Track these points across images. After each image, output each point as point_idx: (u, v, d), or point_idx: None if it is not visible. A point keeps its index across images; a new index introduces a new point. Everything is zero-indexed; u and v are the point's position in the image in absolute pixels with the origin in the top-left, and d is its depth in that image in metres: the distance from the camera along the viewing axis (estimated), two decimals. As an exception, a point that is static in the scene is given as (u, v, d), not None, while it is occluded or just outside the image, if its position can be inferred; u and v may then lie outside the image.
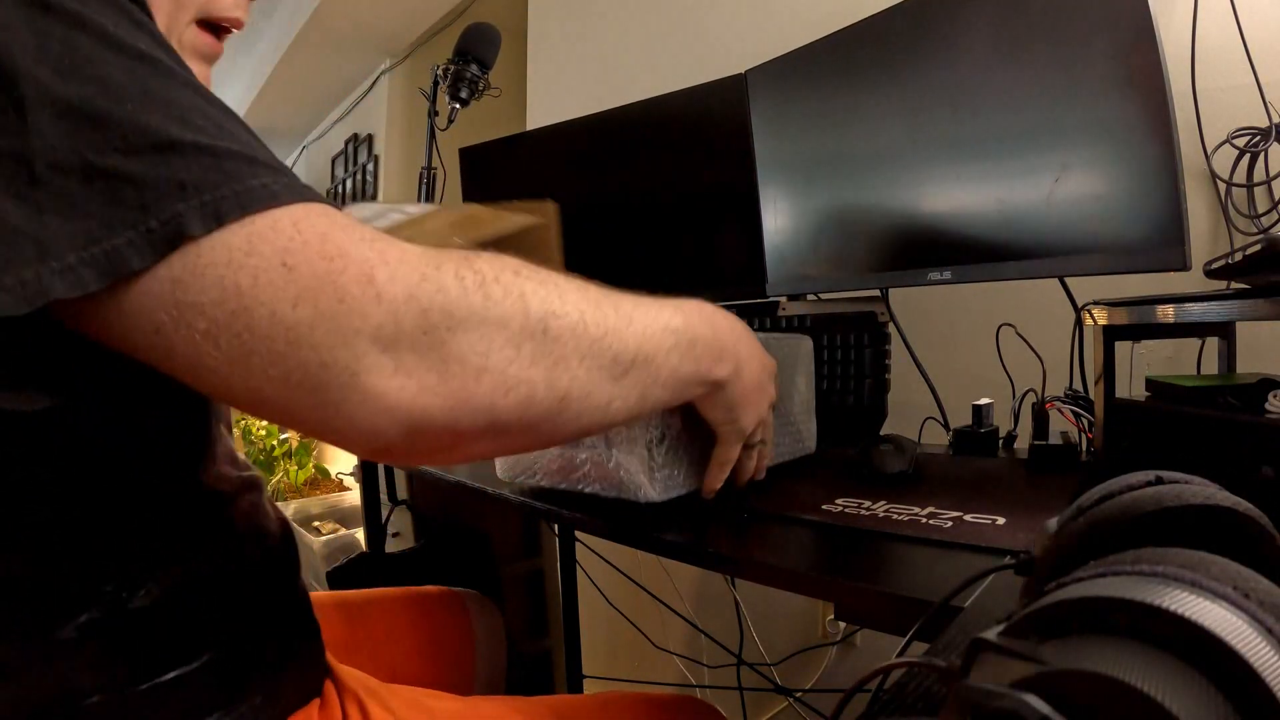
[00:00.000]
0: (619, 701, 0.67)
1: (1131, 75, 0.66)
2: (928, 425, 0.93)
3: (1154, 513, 0.24)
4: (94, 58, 0.32)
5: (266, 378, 0.32)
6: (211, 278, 0.31)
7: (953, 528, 0.52)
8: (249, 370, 0.32)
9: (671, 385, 0.46)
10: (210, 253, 0.31)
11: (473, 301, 0.35)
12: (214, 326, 0.32)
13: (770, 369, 0.59)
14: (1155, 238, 0.65)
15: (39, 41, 0.31)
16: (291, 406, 0.33)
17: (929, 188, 0.82)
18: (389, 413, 0.33)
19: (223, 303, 0.31)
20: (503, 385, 0.35)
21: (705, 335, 0.49)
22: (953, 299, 1.07)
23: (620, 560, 1.44)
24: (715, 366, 0.49)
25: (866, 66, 0.87)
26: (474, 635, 0.85)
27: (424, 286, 0.34)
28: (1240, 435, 0.49)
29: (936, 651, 0.28)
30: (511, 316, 0.36)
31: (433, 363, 0.34)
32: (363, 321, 0.32)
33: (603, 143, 1.16)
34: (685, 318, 0.47)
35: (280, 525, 0.53)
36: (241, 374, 0.33)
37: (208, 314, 0.32)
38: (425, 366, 0.33)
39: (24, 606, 0.37)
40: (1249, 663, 0.15)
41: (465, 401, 0.35)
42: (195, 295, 0.31)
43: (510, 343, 0.35)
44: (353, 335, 0.32)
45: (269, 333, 0.32)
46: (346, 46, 2.95)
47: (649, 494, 0.59)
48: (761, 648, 1.34)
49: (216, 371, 0.33)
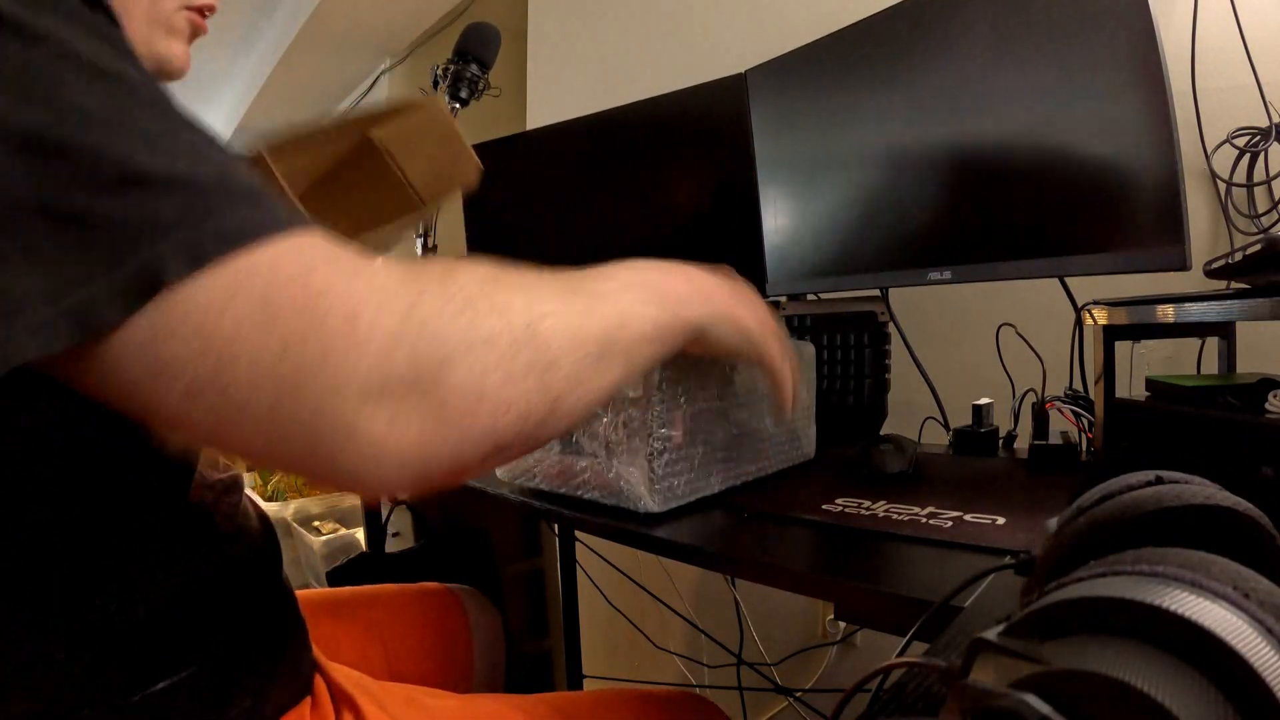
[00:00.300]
0: (618, 698, 0.67)
1: (1131, 75, 0.66)
2: (928, 425, 0.92)
3: (1154, 513, 0.24)
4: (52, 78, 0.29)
5: (257, 432, 0.31)
6: (192, 328, 0.29)
7: (953, 528, 0.52)
8: (238, 425, 0.31)
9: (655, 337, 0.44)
10: (189, 300, 0.29)
11: (460, 326, 0.33)
12: (197, 382, 0.29)
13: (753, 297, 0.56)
14: (1155, 238, 0.65)
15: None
16: (288, 459, 0.32)
17: (929, 187, 0.82)
18: (392, 461, 0.32)
19: (205, 355, 0.29)
20: (501, 406, 0.34)
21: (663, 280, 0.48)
22: (953, 299, 1.07)
23: (620, 560, 1.44)
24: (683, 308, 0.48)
25: (866, 66, 0.87)
26: (471, 631, 0.85)
27: (410, 321, 0.32)
28: (1240, 435, 0.49)
29: (936, 651, 0.28)
30: (499, 333, 0.34)
31: (430, 404, 0.32)
32: (352, 371, 0.30)
33: (603, 143, 1.16)
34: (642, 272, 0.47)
35: (260, 523, 0.52)
36: (229, 429, 0.31)
37: (190, 369, 0.29)
38: (423, 409, 0.32)
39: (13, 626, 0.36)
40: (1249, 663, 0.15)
41: (467, 433, 0.33)
42: (175, 348, 0.29)
43: (502, 360, 0.34)
44: (343, 386, 0.30)
45: (255, 387, 0.30)
46: (346, 46, 2.95)
47: (648, 505, 0.59)
48: (761, 648, 1.34)
49: (202, 425, 0.31)
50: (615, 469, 0.60)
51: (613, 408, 0.60)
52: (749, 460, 0.70)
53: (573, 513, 0.64)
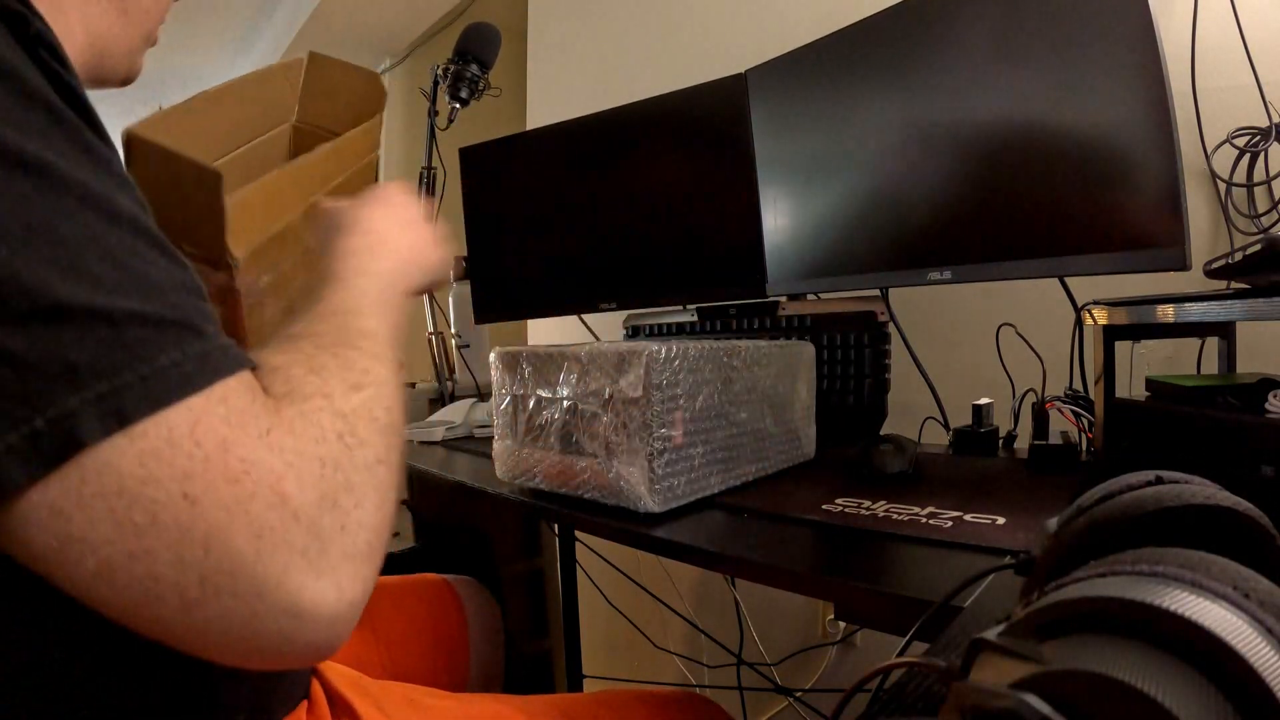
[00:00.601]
0: (620, 699, 0.67)
1: (1131, 75, 0.66)
2: (928, 425, 0.92)
3: (1154, 513, 0.24)
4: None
5: (181, 624, 0.28)
6: (100, 510, 0.26)
7: (953, 528, 0.52)
8: (155, 615, 0.28)
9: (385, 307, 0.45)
10: (98, 476, 0.26)
11: (358, 458, 0.33)
12: (107, 568, 0.26)
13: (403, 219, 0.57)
14: (1155, 238, 0.65)
15: None
16: (223, 647, 0.29)
17: (929, 188, 0.82)
18: (346, 617, 0.30)
19: (117, 542, 0.26)
20: (391, 499, 0.35)
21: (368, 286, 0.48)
22: (953, 299, 1.07)
23: (620, 560, 1.44)
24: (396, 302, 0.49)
25: (866, 66, 0.87)
26: (467, 619, 0.85)
27: (325, 477, 0.31)
28: (1240, 435, 0.49)
29: (936, 651, 0.28)
30: (372, 439, 0.34)
31: (359, 544, 0.31)
32: (289, 553, 0.28)
33: (603, 143, 1.16)
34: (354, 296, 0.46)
35: None
36: (147, 617, 0.28)
37: (99, 553, 0.26)
38: (360, 559, 0.31)
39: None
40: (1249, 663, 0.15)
41: (376, 549, 0.33)
42: (82, 530, 0.26)
43: (379, 459, 0.34)
44: (281, 571, 0.28)
45: (178, 581, 0.27)
46: (346, 46, 2.95)
47: (649, 505, 0.59)
48: (761, 648, 1.34)
49: (116, 606, 0.28)
50: (615, 469, 0.60)
51: (613, 408, 0.60)
52: (749, 460, 0.70)
53: (573, 513, 0.64)
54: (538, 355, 0.66)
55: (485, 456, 0.88)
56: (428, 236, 0.58)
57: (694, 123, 1.06)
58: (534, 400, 0.67)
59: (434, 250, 0.58)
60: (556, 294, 1.25)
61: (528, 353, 0.67)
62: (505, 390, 0.70)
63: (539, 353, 0.66)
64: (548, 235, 1.24)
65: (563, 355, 0.63)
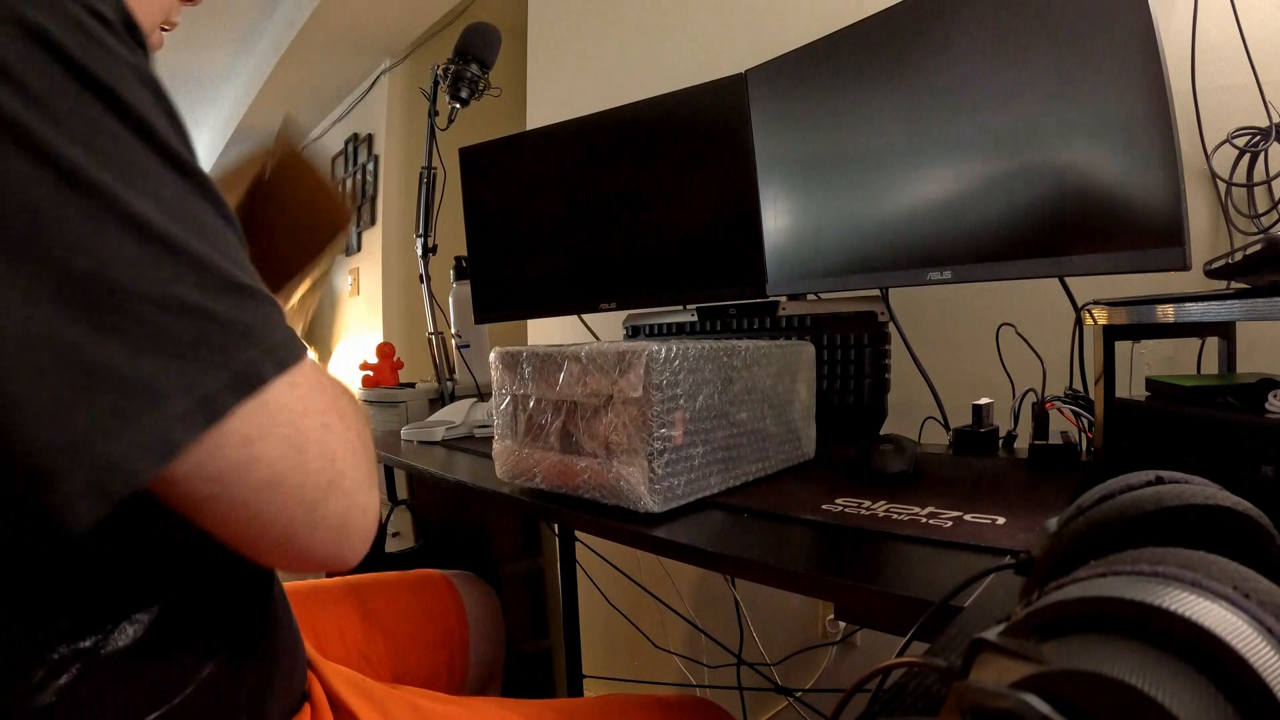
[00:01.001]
0: (623, 703, 0.67)
1: (1131, 75, 0.66)
2: (928, 425, 0.92)
3: (1154, 512, 0.24)
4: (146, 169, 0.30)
5: (305, 520, 0.35)
6: (278, 435, 0.33)
7: (953, 528, 0.52)
8: (290, 517, 0.35)
9: None
10: (278, 408, 0.33)
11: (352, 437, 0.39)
12: (275, 480, 0.33)
13: None
14: (1155, 238, 0.65)
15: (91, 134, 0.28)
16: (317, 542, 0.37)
17: (929, 187, 0.82)
18: (375, 520, 0.40)
19: (288, 457, 0.34)
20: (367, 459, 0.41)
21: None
22: (953, 299, 1.07)
23: (620, 560, 1.44)
24: None
25: (866, 66, 0.87)
26: (466, 613, 0.85)
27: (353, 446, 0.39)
28: (1240, 435, 0.49)
29: (936, 651, 0.28)
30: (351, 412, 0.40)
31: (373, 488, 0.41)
32: (363, 469, 0.39)
33: (603, 143, 1.16)
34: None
35: None
36: (283, 520, 0.35)
37: (273, 467, 0.33)
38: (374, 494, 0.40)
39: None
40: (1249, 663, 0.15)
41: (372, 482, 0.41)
42: (262, 450, 0.33)
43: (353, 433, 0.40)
44: (363, 478, 0.38)
45: (315, 484, 0.35)
46: (346, 46, 2.95)
47: (648, 505, 0.59)
48: (761, 648, 1.34)
49: (266, 515, 0.34)
50: (615, 469, 0.60)
51: (613, 408, 0.60)
52: (749, 460, 0.70)
53: (573, 513, 0.64)
54: (538, 355, 0.66)
55: (485, 456, 0.88)
56: None
57: (694, 123, 1.06)
58: (534, 400, 0.67)
59: None
60: (556, 294, 1.25)
61: (528, 353, 0.67)
62: (505, 390, 0.70)
63: (539, 353, 0.66)
64: (547, 235, 1.24)
65: (563, 355, 0.63)
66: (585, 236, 1.19)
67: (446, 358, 1.37)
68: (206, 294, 0.31)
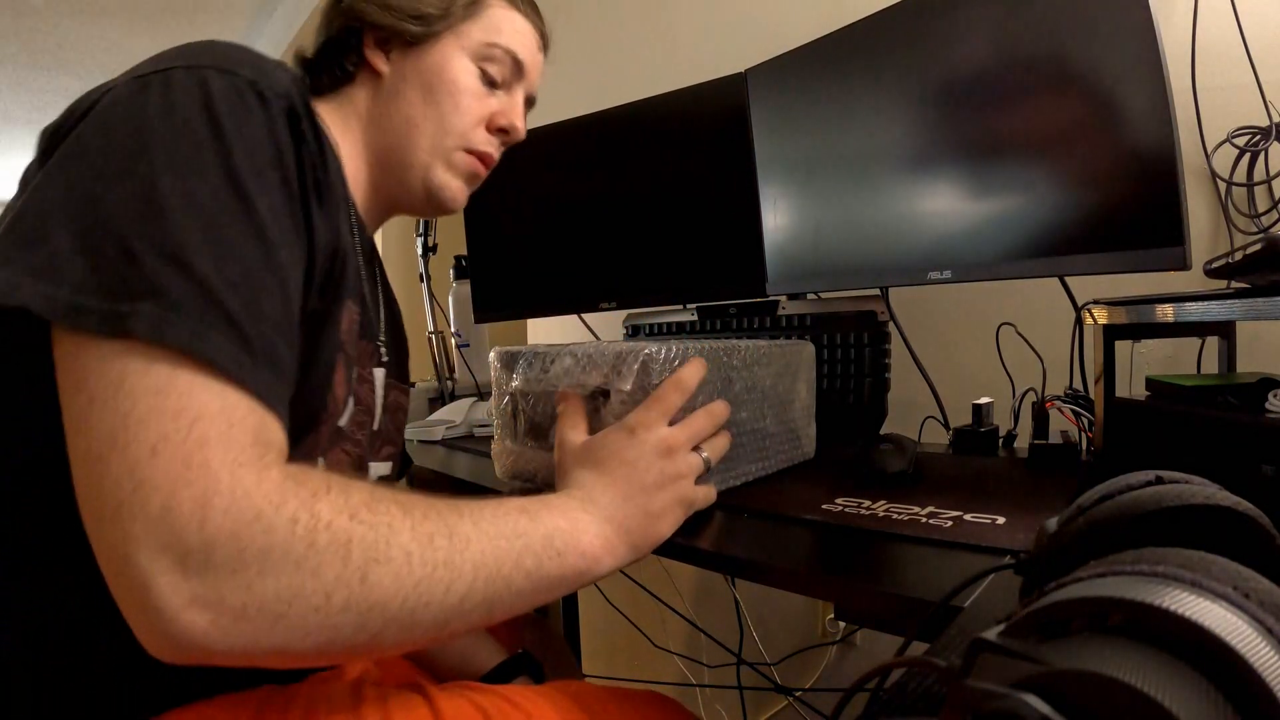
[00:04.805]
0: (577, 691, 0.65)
1: (1132, 75, 0.66)
2: (928, 425, 0.92)
3: (1154, 512, 0.24)
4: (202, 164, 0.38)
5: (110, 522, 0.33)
6: (113, 379, 0.34)
7: (953, 527, 0.52)
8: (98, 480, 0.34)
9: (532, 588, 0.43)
10: (126, 356, 0.34)
11: (294, 549, 0.34)
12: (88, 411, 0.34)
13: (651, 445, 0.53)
14: (1155, 237, 0.65)
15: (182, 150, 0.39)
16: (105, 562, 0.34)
17: (929, 187, 0.82)
18: (166, 633, 0.33)
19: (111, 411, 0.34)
20: (300, 631, 0.34)
21: (562, 526, 0.46)
22: (953, 299, 1.07)
23: (620, 560, 1.44)
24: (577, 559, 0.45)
25: (866, 66, 0.87)
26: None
27: (253, 527, 0.33)
28: (1240, 435, 0.49)
29: (936, 651, 0.28)
30: (327, 566, 0.34)
31: (232, 604, 0.33)
32: (176, 542, 0.32)
33: (603, 143, 1.15)
34: (533, 518, 0.44)
35: None
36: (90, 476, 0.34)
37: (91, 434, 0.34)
38: (223, 606, 0.33)
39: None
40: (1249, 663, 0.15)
41: (254, 643, 0.34)
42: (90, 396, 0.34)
43: (319, 592, 0.34)
44: (161, 550, 0.32)
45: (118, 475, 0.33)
46: (346, 46, 2.94)
47: None
48: (761, 647, 1.34)
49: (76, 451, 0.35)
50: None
51: (611, 408, 0.60)
52: (749, 460, 0.70)
53: (573, 512, 0.64)
54: (537, 354, 0.66)
55: (485, 456, 0.88)
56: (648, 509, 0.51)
57: (694, 123, 1.06)
58: (533, 400, 0.67)
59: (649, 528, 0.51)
60: (556, 294, 1.24)
61: (527, 352, 0.67)
62: (505, 390, 0.70)
63: (538, 352, 0.66)
64: (547, 235, 1.24)
65: (562, 354, 0.63)
66: (585, 236, 1.19)
67: (446, 357, 1.37)
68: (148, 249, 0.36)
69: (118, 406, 0.33)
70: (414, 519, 0.38)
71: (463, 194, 0.66)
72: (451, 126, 0.62)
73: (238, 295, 0.37)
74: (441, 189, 0.63)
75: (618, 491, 0.50)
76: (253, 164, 0.40)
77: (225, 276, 0.37)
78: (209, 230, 0.37)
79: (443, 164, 0.63)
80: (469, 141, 0.63)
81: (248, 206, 0.39)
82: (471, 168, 0.65)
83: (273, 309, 0.39)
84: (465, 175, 0.65)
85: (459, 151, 0.63)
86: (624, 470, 0.51)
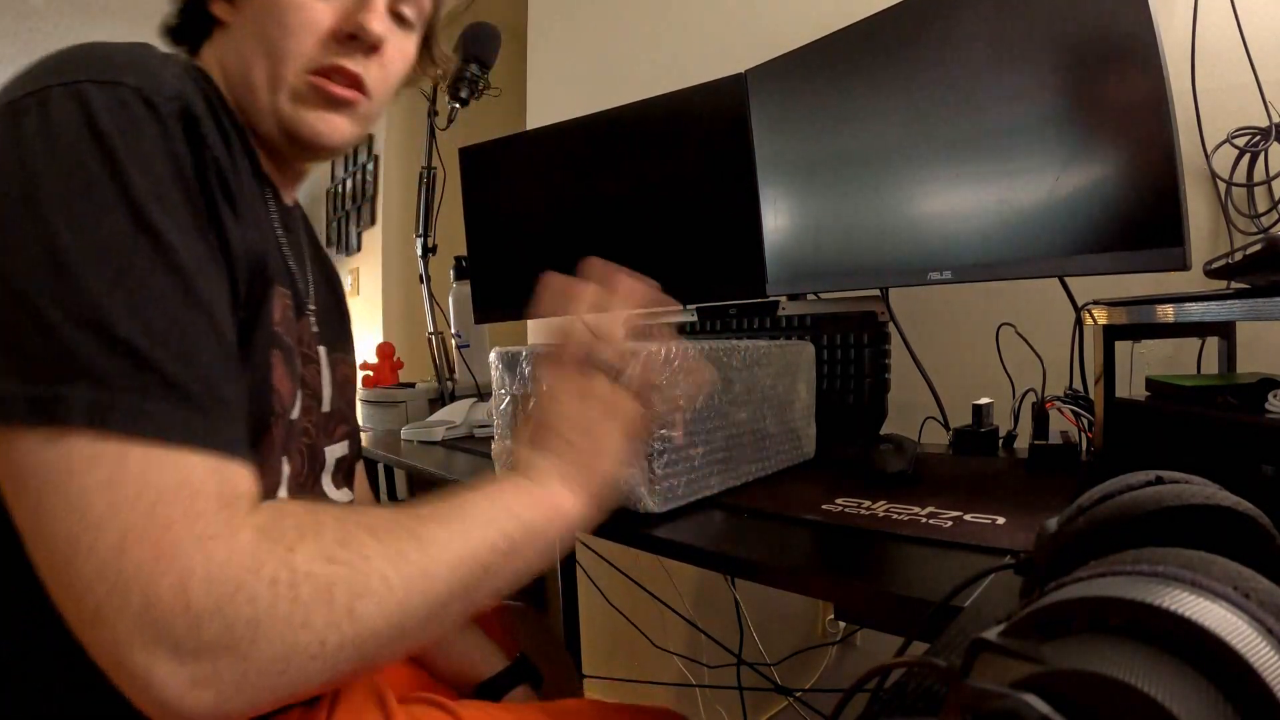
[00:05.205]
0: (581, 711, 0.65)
1: (1132, 75, 0.66)
2: (928, 425, 0.92)
3: (1154, 512, 0.24)
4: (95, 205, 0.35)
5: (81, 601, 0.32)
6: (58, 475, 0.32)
7: (953, 528, 0.52)
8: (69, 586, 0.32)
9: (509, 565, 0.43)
10: (69, 447, 0.32)
11: (280, 609, 0.34)
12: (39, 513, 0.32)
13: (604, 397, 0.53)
14: (1155, 238, 0.65)
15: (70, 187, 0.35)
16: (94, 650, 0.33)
17: (929, 187, 0.82)
18: (176, 714, 0.32)
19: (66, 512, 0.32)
20: (303, 679, 0.34)
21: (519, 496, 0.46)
22: (953, 299, 1.07)
23: (620, 560, 1.44)
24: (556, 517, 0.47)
25: (867, 66, 0.87)
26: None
27: (236, 598, 0.33)
28: (1240, 435, 0.49)
29: (936, 651, 0.28)
30: (316, 615, 0.34)
31: (232, 678, 0.33)
32: (165, 633, 0.32)
33: (603, 143, 1.15)
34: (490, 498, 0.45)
35: None
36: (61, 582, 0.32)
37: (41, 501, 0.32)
38: (223, 682, 0.33)
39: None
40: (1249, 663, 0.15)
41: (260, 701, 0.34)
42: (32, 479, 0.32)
43: (314, 641, 0.34)
44: (152, 643, 0.31)
45: (89, 579, 0.32)
46: (346, 46, 2.94)
47: (649, 505, 0.59)
48: (761, 648, 1.34)
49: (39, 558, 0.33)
50: (615, 469, 0.60)
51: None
52: (749, 460, 0.70)
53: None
54: (538, 355, 0.66)
55: (485, 456, 0.88)
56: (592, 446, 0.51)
57: (694, 123, 1.06)
58: (534, 400, 0.67)
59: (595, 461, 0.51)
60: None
61: (528, 353, 0.67)
62: (505, 390, 0.70)
63: (539, 352, 0.66)
64: (547, 235, 1.24)
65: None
66: (585, 236, 1.19)
67: (446, 358, 1.37)
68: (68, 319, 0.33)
69: (70, 506, 0.32)
70: (383, 541, 0.38)
71: (328, 124, 0.53)
72: (284, 51, 0.51)
73: (168, 351, 0.35)
74: (297, 125, 0.52)
75: (557, 442, 0.51)
76: (152, 187, 0.37)
77: (152, 332, 0.35)
78: (122, 278, 0.34)
79: (287, 97, 0.51)
80: (311, 61, 0.52)
81: (156, 240, 0.36)
82: (325, 91, 0.52)
83: (207, 347, 0.37)
84: (321, 102, 0.53)
85: (302, 75, 0.51)
86: (555, 423, 0.51)
